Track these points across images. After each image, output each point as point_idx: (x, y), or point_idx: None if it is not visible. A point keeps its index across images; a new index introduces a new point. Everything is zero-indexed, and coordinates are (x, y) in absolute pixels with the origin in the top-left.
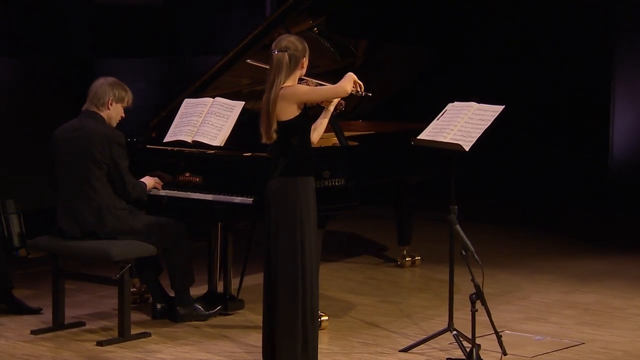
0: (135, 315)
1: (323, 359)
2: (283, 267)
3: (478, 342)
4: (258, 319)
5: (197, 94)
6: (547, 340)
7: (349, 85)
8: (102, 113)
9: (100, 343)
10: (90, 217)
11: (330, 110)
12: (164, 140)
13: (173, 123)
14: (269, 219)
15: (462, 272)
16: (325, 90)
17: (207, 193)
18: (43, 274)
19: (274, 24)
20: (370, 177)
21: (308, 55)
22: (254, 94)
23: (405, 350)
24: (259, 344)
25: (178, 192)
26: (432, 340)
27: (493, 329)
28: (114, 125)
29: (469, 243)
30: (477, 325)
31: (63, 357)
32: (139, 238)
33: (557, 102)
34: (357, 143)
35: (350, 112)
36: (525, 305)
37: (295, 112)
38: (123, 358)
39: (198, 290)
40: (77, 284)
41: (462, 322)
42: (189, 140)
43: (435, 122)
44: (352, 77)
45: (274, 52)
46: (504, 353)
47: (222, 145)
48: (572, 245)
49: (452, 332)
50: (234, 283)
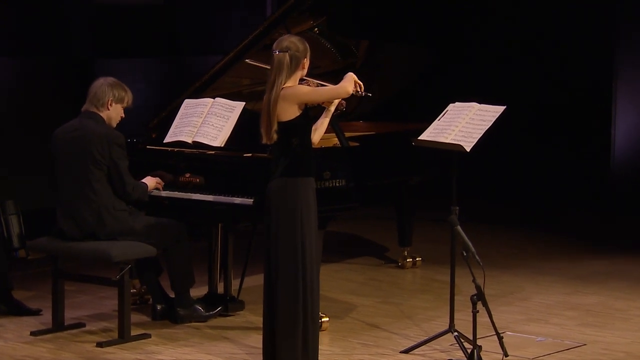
0: (135, 317)
1: None
2: (283, 267)
3: (479, 343)
4: (258, 320)
5: (197, 95)
6: (548, 342)
7: (350, 86)
8: (101, 113)
9: (100, 344)
10: (90, 218)
11: (332, 111)
12: (164, 141)
13: (173, 123)
14: (270, 220)
15: (463, 273)
16: (327, 91)
17: (207, 194)
18: (43, 275)
19: (275, 24)
20: (371, 177)
21: (309, 56)
22: (255, 95)
23: (406, 352)
24: (260, 345)
25: (178, 192)
26: (433, 342)
27: (494, 330)
28: (114, 126)
29: (470, 244)
30: (478, 327)
31: (63, 358)
32: (139, 239)
33: (558, 102)
34: (357, 144)
35: (351, 112)
36: (527, 307)
37: (296, 112)
38: (123, 359)
39: (198, 291)
40: (77, 285)
41: (463, 323)
42: (189, 141)
43: (437, 122)
44: (352, 77)
45: (275, 52)
46: (505, 354)
47: (222, 146)
48: (573, 246)
49: (453, 333)
50: (235, 284)
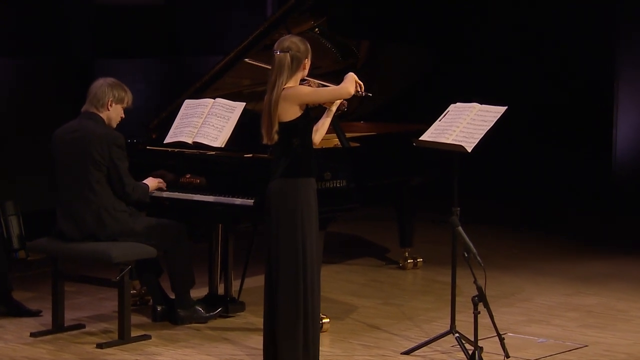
0: (136, 318)
1: None
2: (284, 268)
3: (480, 344)
4: (259, 321)
5: (197, 95)
6: (550, 343)
7: (352, 86)
8: (101, 114)
9: (100, 345)
10: (90, 219)
11: (333, 111)
12: (165, 142)
13: (173, 124)
14: (270, 221)
15: (464, 274)
16: (328, 92)
17: (208, 194)
18: (42, 276)
19: (275, 25)
20: (372, 178)
21: (310, 57)
22: (255, 95)
23: (407, 353)
24: (260, 347)
25: (179, 193)
26: (434, 343)
27: (495, 332)
28: (114, 126)
29: (471, 245)
30: (479, 328)
31: (63, 359)
32: (139, 240)
33: (559, 102)
34: (358, 144)
35: (352, 113)
36: (528, 308)
37: (297, 113)
38: None
39: (199, 293)
40: (76, 286)
41: (464, 324)
42: (190, 142)
43: (438, 123)
44: (353, 77)
45: (276, 52)
46: (507, 356)
47: (222, 147)
48: (574, 247)
49: (454, 334)
50: (235, 285)
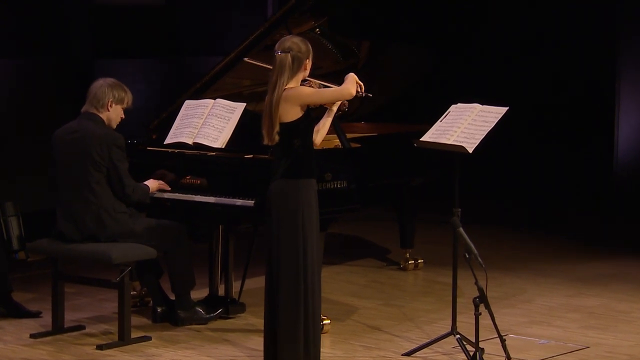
0: (136, 319)
1: None
2: (285, 269)
3: (482, 345)
4: (259, 323)
5: (198, 96)
6: (551, 344)
7: (353, 87)
8: (101, 115)
9: (100, 347)
10: (90, 220)
11: (334, 111)
12: (165, 142)
13: (174, 125)
14: (271, 221)
15: (465, 275)
16: (330, 93)
17: (208, 195)
18: (42, 277)
19: (276, 25)
20: (373, 179)
21: (311, 57)
22: (255, 96)
23: (408, 354)
24: (261, 348)
25: (179, 194)
26: (435, 344)
27: (497, 333)
28: (114, 127)
29: (473, 246)
30: (480, 329)
31: None
32: (140, 241)
33: (560, 103)
34: (359, 145)
35: (353, 113)
36: (529, 309)
37: (298, 113)
38: None
39: (199, 294)
40: (76, 287)
41: (465, 325)
42: (190, 142)
43: (439, 123)
44: (354, 78)
45: (277, 53)
46: (508, 357)
47: (223, 147)
48: (576, 248)
49: (455, 335)
50: (235, 286)
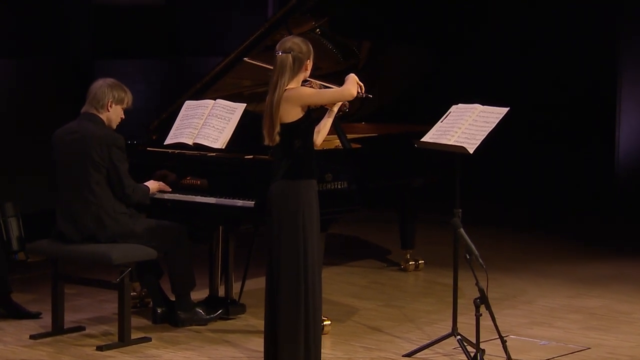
0: (136, 320)
1: None
2: (285, 270)
3: (482, 347)
4: (260, 324)
5: (198, 96)
6: (552, 345)
7: (354, 88)
8: (101, 115)
9: (100, 348)
10: (90, 221)
11: (334, 112)
12: (165, 143)
13: (174, 125)
14: (271, 222)
15: (466, 276)
16: (331, 94)
17: (209, 196)
18: (42, 278)
19: (276, 25)
20: (373, 180)
21: (312, 58)
22: (256, 96)
23: (409, 355)
24: (261, 349)
25: (179, 195)
26: (436, 345)
27: (498, 334)
28: (114, 127)
29: (473, 246)
30: (481, 330)
31: None
32: (140, 242)
33: (561, 104)
34: (360, 145)
35: (353, 114)
36: (530, 310)
37: (299, 114)
38: None
39: (199, 295)
40: (76, 288)
41: (466, 326)
42: (190, 143)
43: (439, 124)
44: (355, 78)
45: (278, 53)
46: (509, 358)
47: (223, 148)
48: (577, 249)
49: (456, 336)
50: (236, 287)
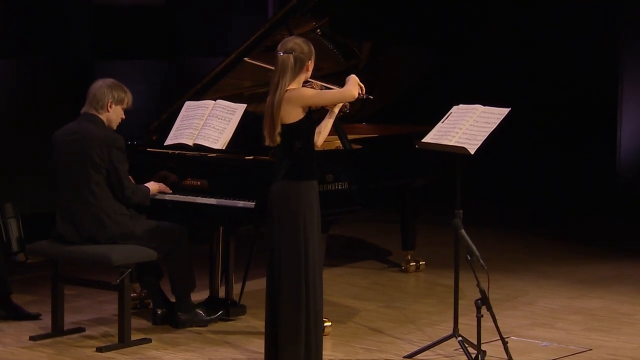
0: (136, 321)
1: None
2: (286, 271)
3: (484, 348)
4: (260, 325)
5: (198, 97)
6: (553, 347)
7: (355, 89)
8: (101, 116)
9: (100, 349)
10: (90, 222)
11: (335, 112)
12: (165, 144)
13: (174, 126)
14: (272, 223)
15: (467, 277)
16: (332, 95)
17: (209, 197)
18: (42, 279)
19: (277, 26)
20: (374, 180)
21: (314, 58)
22: (256, 97)
23: (410, 357)
24: (262, 350)
25: (180, 196)
26: (437, 347)
27: (499, 335)
28: (114, 128)
29: (474, 248)
30: (482, 331)
31: None
32: (140, 243)
33: (563, 105)
34: (360, 146)
35: (354, 114)
36: (532, 311)
37: (300, 115)
38: None
39: (199, 296)
40: (76, 289)
41: (467, 328)
42: (190, 144)
43: (440, 125)
44: (356, 79)
45: (279, 53)
46: (510, 359)
47: (223, 149)
48: (578, 250)
49: (457, 338)
50: (236, 288)
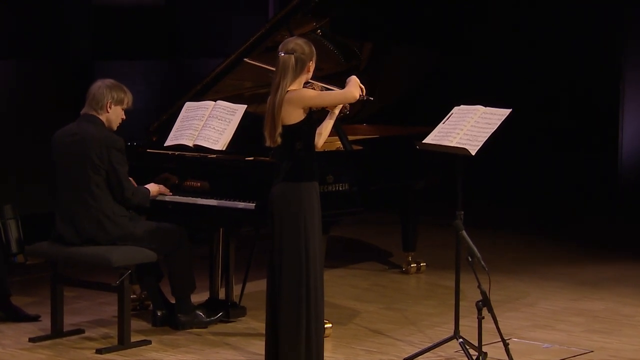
0: (136, 323)
1: None
2: (287, 273)
3: (485, 350)
4: (260, 326)
5: (198, 97)
6: (555, 348)
7: (357, 91)
8: (101, 116)
9: (100, 351)
10: (89, 224)
11: (336, 114)
12: (165, 145)
13: (174, 127)
14: (273, 224)
15: (468, 278)
16: (333, 96)
17: (209, 198)
18: (41, 281)
19: (277, 26)
20: (375, 181)
21: (315, 59)
22: (256, 97)
23: (411, 359)
24: (262, 352)
25: (181, 197)
26: (437, 348)
27: (500, 337)
28: (115, 128)
29: (476, 249)
30: (483, 333)
31: None
32: (140, 244)
33: (564, 106)
34: (361, 147)
35: (354, 115)
36: (533, 313)
37: (301, 116)
38: None
39: (199, 297)
40: (76, 291)
41: (468, 329)
42: (190, 145)
43: (441, 125)
44: (357, 81)
45: (281, 54)
46: None
47: (223, 150)
48: (579, 252)
49: (458, 339)
50: (236, 289)
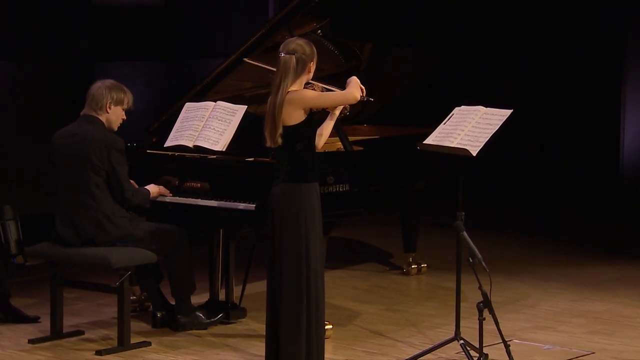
0: (135, 324)
1: None
2: (287, 274)
3: (486, 351)
4: (261, 328)
5: (198, 98)
6: (556, 350)
7: (358, 92)
8: (100, 117)
9: (100, 352)
10: (89, 224)
11: (336, 114)
12: (165, 145)
13: (174, 127)
14: (273, 225)
15: (469, 279)
16: (334, 97)
17: (210, 199)
18: (41, 282)
19: (277, 26)
20: (376, 182)
21: (316, 60)
22: (256, 98)
23: None
24: (263, 353)
25: (181, 198)
26: (438, 350)
27: (501, 338)
28: (115, 129)
29: (476, 250)
30: (484, 334)
31: None
32: (140, 245)
33: (566, 106)
34: (361, 148)
35: (355, 116)
36: (534, 314)
37: (302, 117)
38: None
39: (199, 298)
40: (75, 292)
41: (469, 331)
42: (190, 145)
43: (442, 126)
44: (357, 81)
45: (281, 54)
46: None
47: (224, 150)
48: (581, 253)
49: (459, 341)
50: (236, 291)
